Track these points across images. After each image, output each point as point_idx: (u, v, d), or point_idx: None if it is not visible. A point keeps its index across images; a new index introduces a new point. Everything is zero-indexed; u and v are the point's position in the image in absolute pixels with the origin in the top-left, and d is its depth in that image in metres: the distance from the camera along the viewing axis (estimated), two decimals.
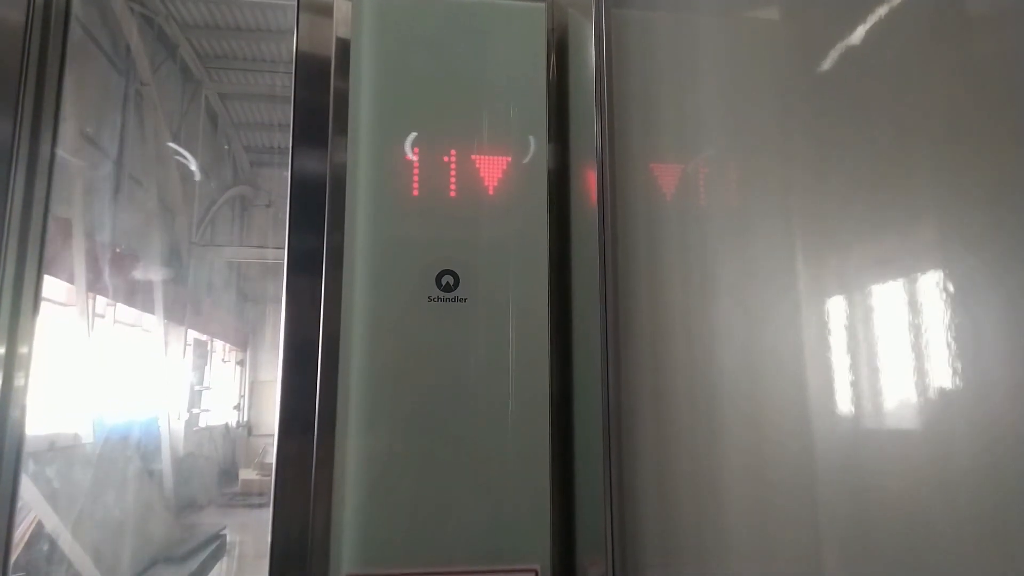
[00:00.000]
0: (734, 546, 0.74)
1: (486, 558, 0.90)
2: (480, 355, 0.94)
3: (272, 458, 0.92)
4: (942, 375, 0.53)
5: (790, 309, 0.67)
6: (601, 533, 0.86)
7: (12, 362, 1.05)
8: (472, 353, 0.94)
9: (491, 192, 0.98)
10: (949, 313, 0.52)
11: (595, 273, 0.91)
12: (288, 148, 0.97)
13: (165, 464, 5.28)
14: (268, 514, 0.90)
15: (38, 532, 3.60)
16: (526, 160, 1.00)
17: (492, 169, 0.98)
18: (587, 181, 0.95)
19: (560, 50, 1.08)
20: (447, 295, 0.94)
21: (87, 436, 4.20)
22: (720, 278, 0.78)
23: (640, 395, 0.88)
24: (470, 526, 0.91)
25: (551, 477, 0.94)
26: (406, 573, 0.88)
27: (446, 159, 0.97)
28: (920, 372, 0.54)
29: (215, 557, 5.07)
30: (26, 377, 1.08)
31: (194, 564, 4.71)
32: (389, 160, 0.97)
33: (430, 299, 0.94)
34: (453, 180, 0.97)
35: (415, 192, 0.96)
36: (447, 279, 0.95)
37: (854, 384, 0.60)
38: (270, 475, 0.92)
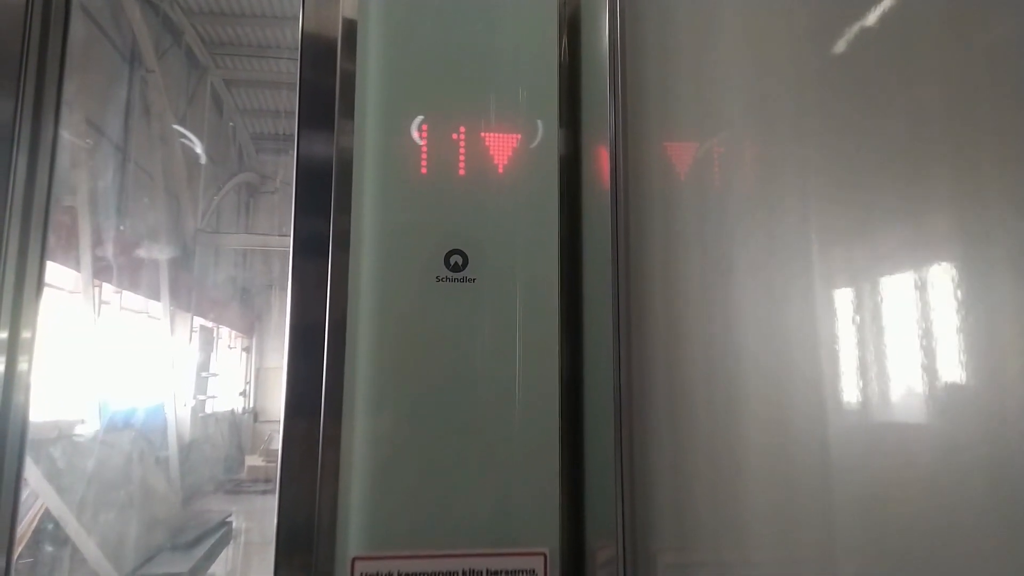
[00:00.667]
0: (751, 532, 0.73)
1: (494, 542, 0.89)
2: (489, 336, 0.93)
3: (278, 444, 0.91)
4: (962, 364, 0.51)
5: (811, 293, 0.66)
6: (612, 518, 0.85)
7: (15, 347, 1.05)
8: (481, 334, 0.93)
9: (501, 171, 0.96)
10: (969, 302, 0.51)
11: (607, 254, 0.89)
12: (294, 134, 0.96)
13: (171, 451, 5.32)
14: (274, 500, 0.90)
15: (44, 520, 3.62)
16: (536, 139, 0.98)
17: (502, 147, 0.96)
18: (600, 162, 0.94)
19: (572, 27, 1.06)
20: (456, 275, 0.93)
21: (93, 423, 4.22)
22: (739, 261, 0.77)
23: (654, 380, 0.87)
24: (478, 510, 0.90)
25: (560, 460, 0.92)
26: (413, 556, 0.87)
27: (455, 137, 0.96)
28: (942, 360, 0.53)
29: (222, 543, 5.11)
30: (29, 361, 1.07)
31: (200, 551, 4.74)
32: (397, 138, 0.95)
33: (438, 279, 0.93)
34: (462, 158, 0.96)
35: (423, 170, 0.95)
36: (456, 259, 0.93)
37: (876, 370, 0.59)
38: (276, 461, 0.91)
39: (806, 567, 0.66)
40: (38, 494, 3.59)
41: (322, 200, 0.94)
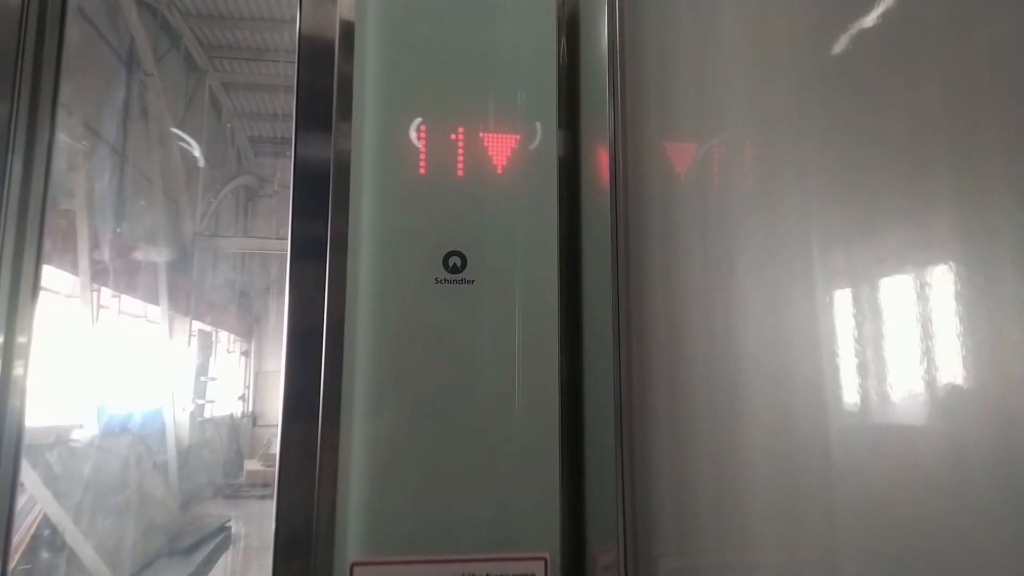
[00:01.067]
0: (753, 535, 0.72)
1: (494, 546, 0.89)
2: (488, 338, 0.93)
3: (276, 449, 0.91)
4: (966, 364, 0.51)
5: (812, 293, 0.65)
6: (612, 522, 0.84)
7: (11, 351, 1.04)
8: (480, 336, 0.93)
9: (499, 171, 0.96)
10: (973, 302, 0.50)
11: (607, 256, 0.89)
12: (291, 137, 0.95)
13: (170, 455, 5.31)
14: (273, 505, 0.89)
15: (42, 526, 3.61)
16: (535, 139, 0.98)
17: (501, 148, 0.96)
18: (599, 163, 0.93)
19: (571, 28, 1.06)
20: (454, 277, 0.93)
21: (92, 428, 4.21)
22: (740, 262, 0.76)
23: (655, 382, 0.86)
24: (478, 514, 0.89)
25: (560, 463, 0.92)
26: (412, 561, 0.87)
27: (453, 138, 0.95)
28: (946, 361, 0.52)
29: (220, 549, 5.09)
30: (25, 366, 1.06)
31: (199, 556, 4.73)
32: (395, 139, 0.95)
33: (437, 281, 0.92)
34: (461, 159, 0.95)
35: (422, 171, 0.94)
36: (454, 260, 0.93)
37: (879, 371, 0.59)
38: (275, 466, 0.91)
39: (809, 570, 0.66)
40: (36, 500, 3.58)
41: (320, 202, 0.93)
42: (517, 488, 0.90)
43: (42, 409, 3.76)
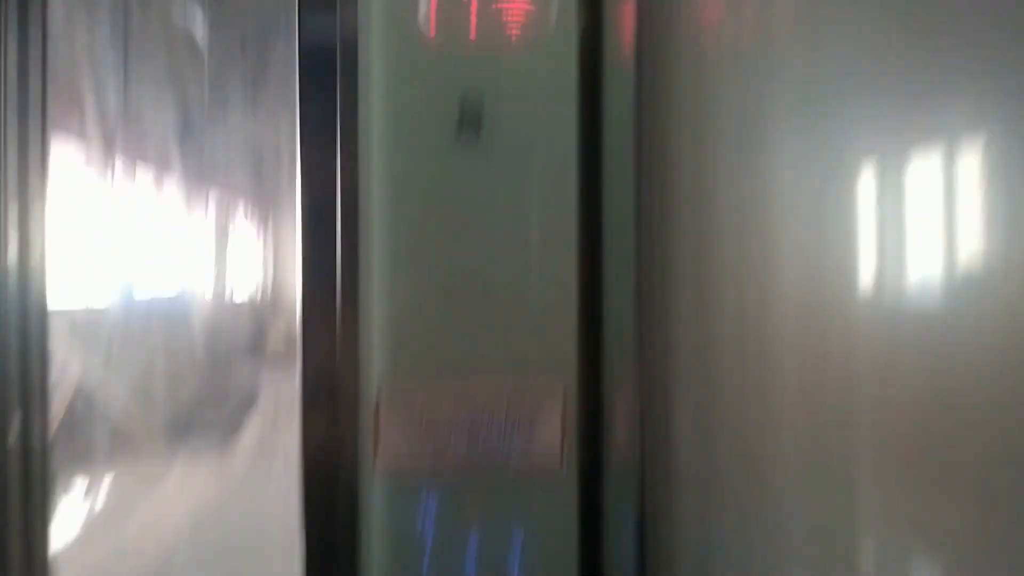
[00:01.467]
0: (773, 391, 0.72)
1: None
2: (503, 198, 0.92)
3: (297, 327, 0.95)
4: (992, 253, 0.49)
5: (850, 178, 0.62)
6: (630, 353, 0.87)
7: (27, 225, 1.05)
8: (495, 196, 0.91)
9: (513, 39, 0.91)
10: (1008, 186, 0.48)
11: (629, 121, 0.85)
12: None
13: (195, 324, 5.45)
14: (296, 378, 0.93)
15: (77, 395, 3.75)
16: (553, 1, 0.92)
17: (515, 10, 0.90)
18: (623, 27, 0.88)
19: None
20: (469, 139, 0.90)
21: (112, 308, 4.30)
22: (779, 144, 0.72)
23: (678, 264, 0.85)
24: (497, 352, 0.92)
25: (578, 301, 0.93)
26: (441, 380, 0.90)
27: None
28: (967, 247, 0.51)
29: (248, 405, 5.30)
30: (42, 243, 1.07)
31: (228, 410, 4.92)
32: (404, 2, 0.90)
33: (449, 145, 0.90)
34: (473, 23, 0.90)
35: (432, 33, 0.90)
36: (468, 122, 0.90)
37: (905, 263, 0.57)
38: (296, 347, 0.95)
39: (829, 430, 0.66)
40: (66, 370, 3.71)
41: (327, 76, 0.91)
42: (534, 329, 0.92)
43: (63, 285, 3.83)
